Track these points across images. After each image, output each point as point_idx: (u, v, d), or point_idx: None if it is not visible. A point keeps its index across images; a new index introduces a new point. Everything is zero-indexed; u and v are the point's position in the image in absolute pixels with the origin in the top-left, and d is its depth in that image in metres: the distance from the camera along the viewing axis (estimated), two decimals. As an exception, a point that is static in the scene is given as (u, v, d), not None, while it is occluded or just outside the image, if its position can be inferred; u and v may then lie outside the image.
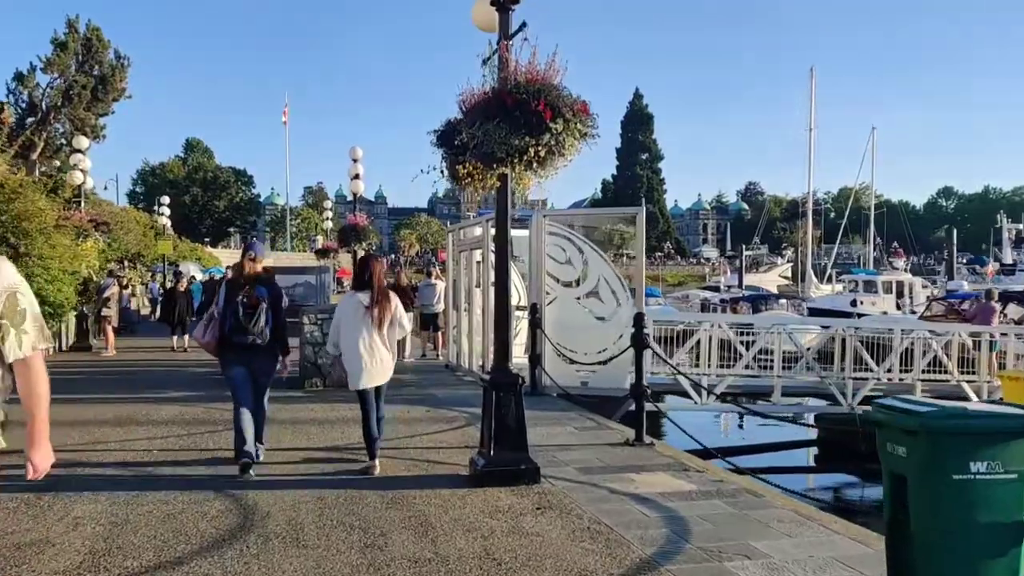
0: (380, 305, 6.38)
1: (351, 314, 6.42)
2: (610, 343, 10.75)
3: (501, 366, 6.36)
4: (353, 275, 6.83)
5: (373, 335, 6.36)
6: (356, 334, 6.36)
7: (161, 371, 13.83)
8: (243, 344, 6.33)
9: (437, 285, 15.89)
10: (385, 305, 6.42)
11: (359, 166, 18.42)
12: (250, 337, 6.30)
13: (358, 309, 6.37)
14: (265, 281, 6.64)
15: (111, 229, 17.30)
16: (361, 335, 6.34)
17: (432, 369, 14.18)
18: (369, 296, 6.38)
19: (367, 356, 6.36)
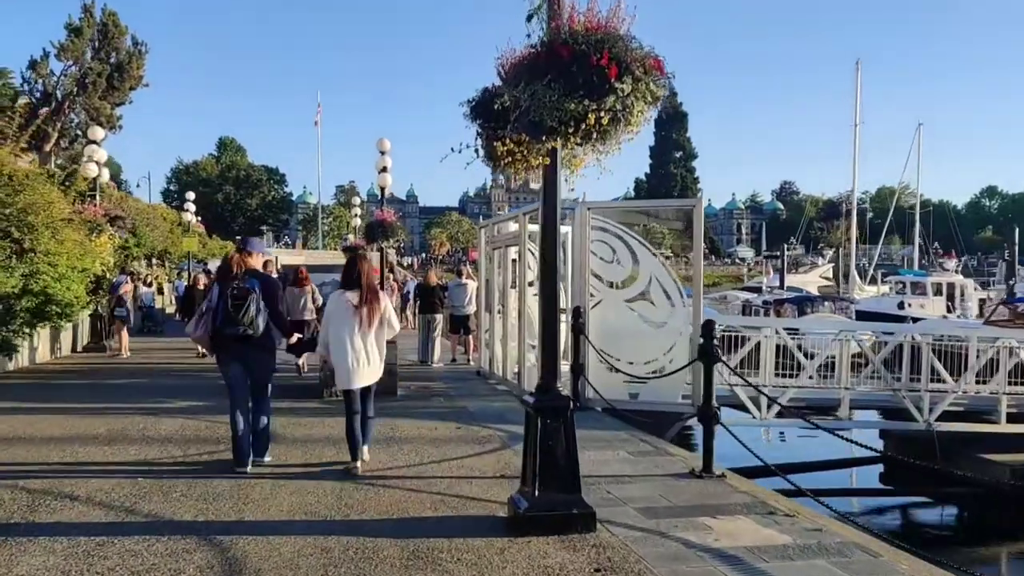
0: (369, 304, 6.31)
1: (340, 313, 6.33)
2: (662, 352, 9.57)
3: (548, 387, 5.22)
4: (342, 274, 6.70)
5: (362, 335, 6.29)
6: (345, 334, 6.27)
7: (174, 375, 12.90)
8: (234, 336, 6.27)
9: (468, 285, 14.79)
10: (374, 304, 6.35)
11: (387, 158, 17.34)
12: (240, 328, 6.22)
13: (347, 308, 6.30)
14: (258, 274, 6.58)
15: (128, 224, 16.51)
16: (350, 335, 6.26)
17: (462, 376, 13.08)
18: (358, 295, 6.30)
19: (356, 356, 6.28)
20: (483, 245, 13.49)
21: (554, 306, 5.15)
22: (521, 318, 10.65)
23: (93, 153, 15.79)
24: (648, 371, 9.61)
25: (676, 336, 9.48)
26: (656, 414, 9.44)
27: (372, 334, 6.36)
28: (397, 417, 9.00)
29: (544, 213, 5.16)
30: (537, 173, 5.38)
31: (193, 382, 12.08)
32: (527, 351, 10.59)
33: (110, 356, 15.63)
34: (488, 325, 12.79)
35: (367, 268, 6.50)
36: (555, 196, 5.13)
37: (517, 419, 9.17)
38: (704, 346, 6.43)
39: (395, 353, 10.59)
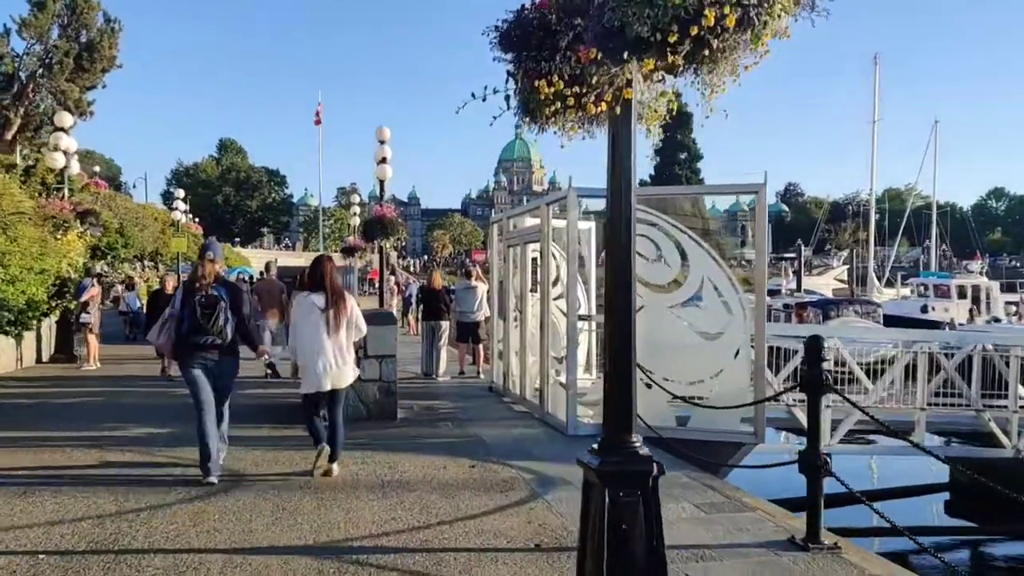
0: (336, 307, 6.26)
1: (306, 317, 6.26)
2: (716, 369, 7.92)
3: (620, 442, 3.53)
4: (306, 276, 6.65)
5: (330, 338, 6.24)
6: (312, 337, 6.22)
7: (140, 392, 11.23)
8: (202, 344, 6.20)
9: (478, 289, 13.12)
10: (341, 307, 6.30)
11: (387, 148, 15.66)
12: (209, 337, 6.18)
13: (312, 311, 6.24)
14: (223, 281, 6.54)
15: (102, 221, 14.93)
16: (318, 338, 6.21)
17: (472, 393, 11.40)
18: (323, 298, 6.25)
19: (324, 360, 6.23)
20: (495, 242, 11.83)
21: (627, 330, 3.46)
22: (543, 327, 8.99)
23: (59, 141, 14.13)
24: (700, 391, 7.96)
25: (734, 350, 7.82)
26: (710, 443, 7.79)
27: (340, 337, 6.28)
28: (397, 451, 7.34)
29: (612, 190, 3.47)
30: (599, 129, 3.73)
31: (159, 400, 10.42)
32: (550, 366, 8.93)
33: (76, 368, 13.98)
34: (502, 334, 11.11)
35: (331, 269, 6.40)
36: (629, 162, 3.46)
37: (544, 453, 7.54)
38: (812, 372, 4.74)
39: (393, 368, 8.96)
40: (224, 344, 6.26)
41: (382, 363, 8.92)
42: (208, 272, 6.33)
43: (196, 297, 6.21)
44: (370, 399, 8.89)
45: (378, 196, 16.02)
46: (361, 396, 8.86)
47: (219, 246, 7.15)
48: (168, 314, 6.32)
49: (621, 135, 3.45)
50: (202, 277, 6.31)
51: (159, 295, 12.31)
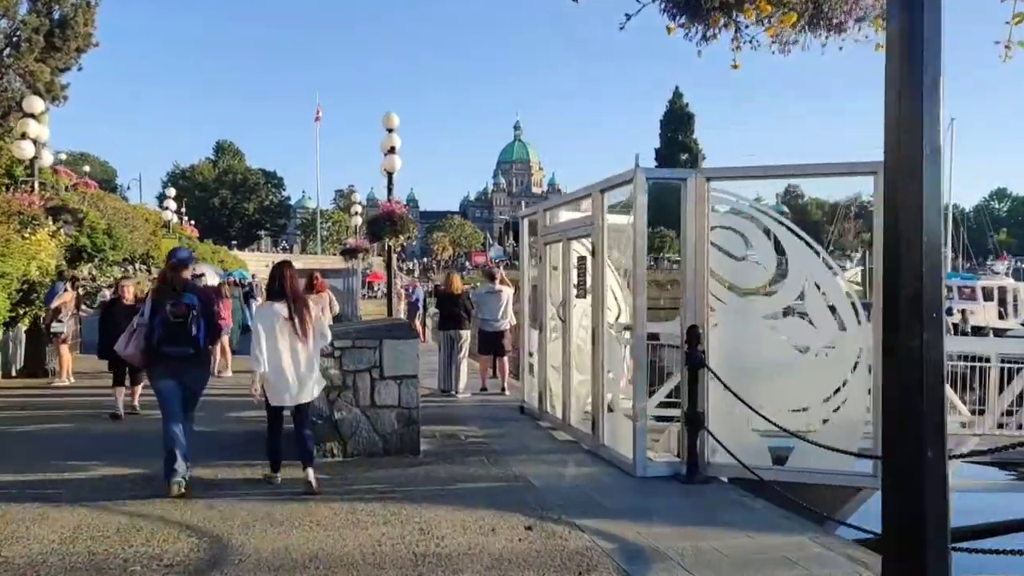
0: (300, 316, 6.05)
1: (270, 326, 6.02)
2: (826, 394, 6.33)
3: None
4: (267, 284, 6.50)
5: (295, 348, 6.03)
6: (277, 348, 5.99)
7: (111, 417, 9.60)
8: (173, 355, 6.04)
9: (502, 293, 11.51)
10: (305, 315, 6.10)
11: (395, 137, 14.12)
12: (180, 348, 6.02)
13: (276, 320, 6.02)
14: (194, 288, 6.35)
15: (77, 218, 13.34)
16: (282, 349, 6.00)
17: (501, 414, 9.79)
18: (286, 306, 6.06)
19: (290, 371, 6.02)
20: (526, 239, 10.22)
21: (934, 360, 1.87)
22: (596, 340, 7.39)
23: (27, 128, 12.54)
24: (802, 422, 6.37)
25: (848, 370, 6.24)
26: (813, 487, 6.21)
27: (308, 346, 6.10)
28: (427, 503, 5.73)
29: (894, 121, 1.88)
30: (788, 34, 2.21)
31: (131, 428, 8.80)
32: (605, 387, 7.33)
33: (46, 384, 12.35)
34: (536, 346, 9.51)
35: (290, 276, 6.20)
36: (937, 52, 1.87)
37: (615, 504, 5.61)
38: None
39: (415, 392, 7.37)
40: (195, 353, 6.10)
41: (401, 385, 7.32)
42: (175, 279, 6.16)
43: (166, 306, 6.01)
44: (387, 429, 7.29)
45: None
46: (376, 426, 7.27)
47: (188, 251, 6.96)
48: (137, 323, 6.17)
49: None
50: (174, 286, 6.13)
51: (115, 306, 9.69)
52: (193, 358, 6.11)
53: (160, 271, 6.86)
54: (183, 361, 6.07)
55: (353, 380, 7.24)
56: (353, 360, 7.23)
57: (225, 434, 8.32)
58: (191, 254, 7.00)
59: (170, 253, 6.49)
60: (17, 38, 13.65)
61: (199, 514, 5.45)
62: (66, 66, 14.85)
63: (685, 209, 6.59)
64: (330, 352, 7.18)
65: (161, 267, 24.53)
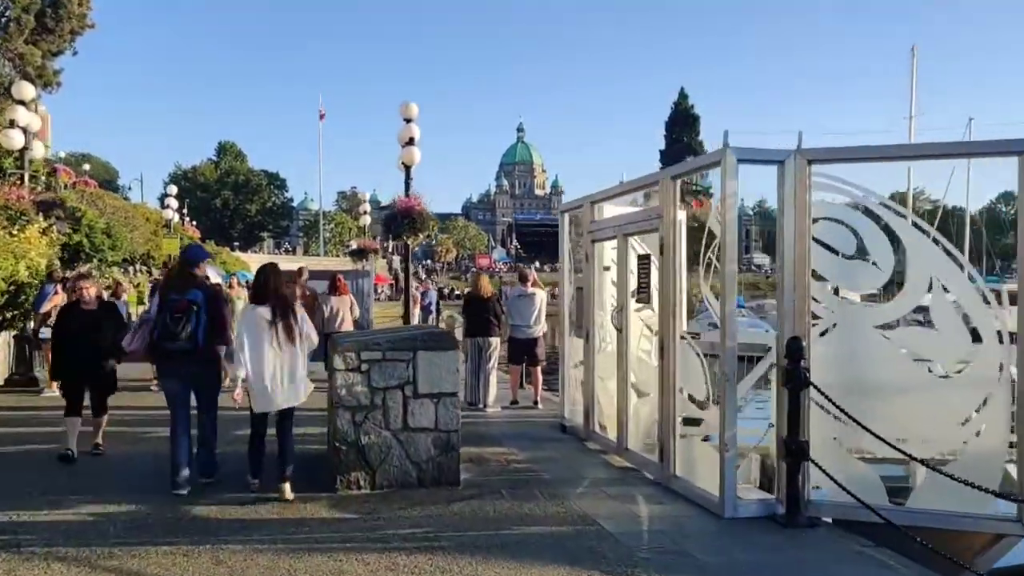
0: (284, 320, 5.82)
1: (254, 331, 5.78)
2: (960, 418, 5.27)
3: None
4: (251, 287, 6.27)
5: (280, 352, 5.79)
6: (261, 352, 5.75)
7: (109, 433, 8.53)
8: (173, 351, 6.03)
9: (535, 296, 10.46)
10: (289, 318, 5.85)
11: (414, 127, 13.10)
12: (178, 343, 5.99)
13: (260, 324, 5.79)
14: (203, 285, 6.31)
15: (68, 214, 12.30)
16: (267, 353, 5.75)
17: (541, 433, 8.72)
18: (270, 310, 5.81)
19: (274, 376, 5.77)
20: (566, 236, 9.16)
21: None
22: (666, 352, 6.32)
23: (16, 116, 11.51)
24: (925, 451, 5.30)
25: (986, 390, 5.17)
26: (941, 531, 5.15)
27: (293, 350, 5.84)
28: (479, 553, 4.68)
29: None
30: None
31: (125, 448, 7.72)
32: (678, 407, 6.27)
33: (35, 394, 11.29)
34: (578, 358, 8.45)
35: (277, 279, 6.00)
36: None
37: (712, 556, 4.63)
38: None
39: (455, 412, 6.32)
40: (196, 350, 6.03)
41: (439, 405, 6.26)
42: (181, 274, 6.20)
43: (170, 301, 6.05)
44: (422, 456, 6.23)
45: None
46: (410, 452, 6.20)
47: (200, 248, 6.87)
48: (144, 318, 6.36)
49: None
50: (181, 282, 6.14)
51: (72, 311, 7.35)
52: (192, 355, 6.03)
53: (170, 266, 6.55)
54: (183, 358, 6.03)
55: (383, 399, 6.18)
56: (383, 375, 6.18)
57: (231, 458, 7.25)
58: (201, 251, 6.82)
59: (183, 250, 6.66)
60: (5, 18, 12.63)
61: (204, 572, 4.39)
62: (59, 49, 13.80)
63: (781, 197, 5.54)
64: (357, 366, 6.14)
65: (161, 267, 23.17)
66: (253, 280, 6.28)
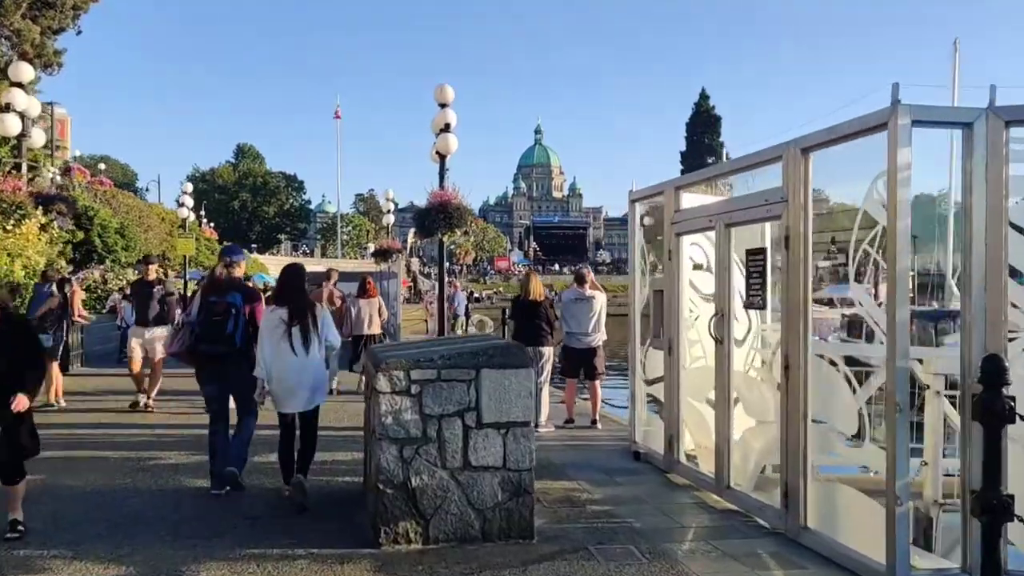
0: (302, 322, 5.71)
1: (272, 332, 5.73)
2: None
3: None
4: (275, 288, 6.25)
5: (298, 354, 5.68)
6: (279, 354, 5.68)
7: (102, 463, 7.29)
8: (212, 354, 6.02)
9: (594, 300, 9.15)
10: (307, 321, 5.73)
11: (449, 113, 11.84)
12: (217, 346, 5.99)
13: (279, 326, 5.70)
14: (239, 286, 6.30)
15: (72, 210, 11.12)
16: (285, 355, 5.67)
17: (611, 462, 7.40)
18: (288, 312, 5.71)
19: (291, 378, 5.69)
20: (637, 230, 7.84)
21: None
22: (794, 372, 4.99)
23: (13, 100, 10.36)
24: None
25: None
26: None
27: (308, 354, 5.71)
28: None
29: None
30: None
31: (123, 479, 6.47)
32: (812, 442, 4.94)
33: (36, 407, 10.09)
34: (663, 372, 7.11)
35: (297, 281, 5.92)
36: None
37: None
38: None
39: (528, 449, 5.03)
40: (234, 353, 6.01)
41: (508, 437, 4.97)
42: (222, 277, 6.18)
43: (208, 303, 6.06)
44: (487, 502, 4.94)
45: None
46: (471, 496, 4.92)
47: (239, 249, 6.87)
48: (183, 320, 6.28)
49: None
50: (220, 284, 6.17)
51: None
52: (229, 357, 5.99)
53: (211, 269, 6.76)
54: (220, 361, 6.00)
55: (438, 429, 4.90)
56: (438, 399, 4.90)
57: (256, 495, 6.03)
58: (237, 250, 6.74)
59: (222, 250, 6.51)
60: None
61: None
62: (61, 27, 12.67)
63: (968, 170, 4.20)
64: (405, 388, 4.86)
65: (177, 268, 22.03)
66: (277, 280, 6.11)
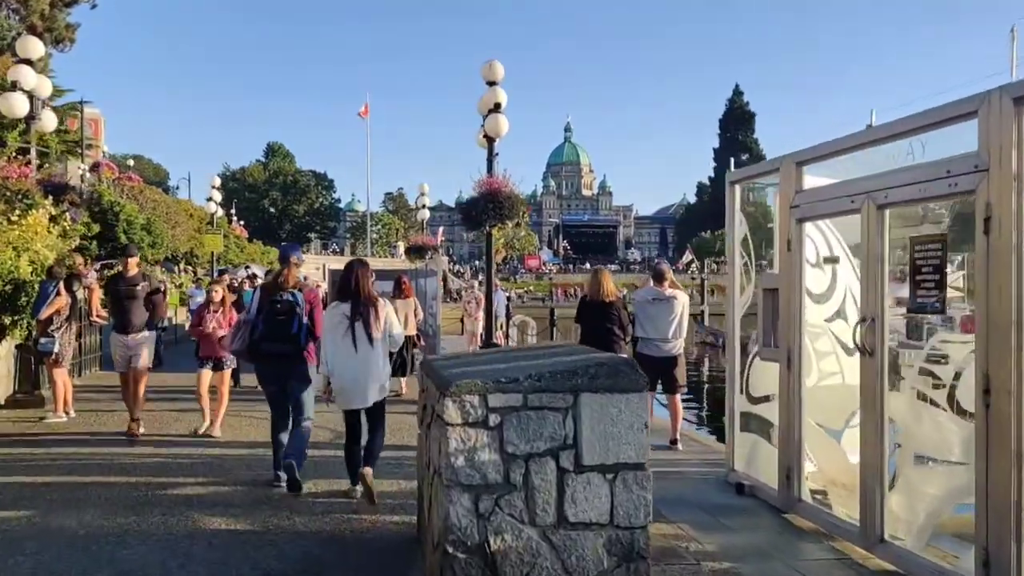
0: (364, 317, 5.69)
1: (335, 328, 5.72)
2: None
3: None
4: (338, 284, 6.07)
5: (360, 350, 5.66)
6: (342, 350, 5.67)
7: (104, 494, 6.17)
8: (273, 353, 6.04)
9: (675, 301, 7.87)
10: (372, 316, 5.71)
11: (499, 91, 10.62)
12: (282, 345, 6.02)
13: (342, 322, 5.69)
14: (298, 285, 6.30)
15: (85, 200, 10.10)
16: (347, 351, 5.66)
17: (710, 496, 6.12)
18: (351, 307, 5.71)
19: (353, 374, 5.67)
20: (736, 218, 6.55)
21: None
22: (997, 399, 3.70)
23: (19, 78, 9.34)
24: None
25: None
26: None
27: (372, 349, 5.68)
28: None
29: None
30: None
31: (133, 526, 5.30)
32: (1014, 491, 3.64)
33: (37, 420, 9.08)
34: (777, 389, 5.82)
35: (364, 275, 5.82)
36: None
37: None
38: None
39: (645, 500, 3.77)
40: (299, 351, 6.08)
41: (615, 484, 3.75)
42: (286, 276, 6.15)
43: (271, 302, 6.05)
44: (589, 571, 3.71)
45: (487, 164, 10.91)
46: (568, 564, 3.70)
47: (299, 248, 6.72)
48: (243, 319, 6.24)
49: None
50: (284, 283, 6.14)
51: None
52: (291, 357, 6.05)
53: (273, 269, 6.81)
54: (281, 360, 6.04)
55: (525, 474, 3.69)
56: (524, 434, 3.69)
57: (285, 539, 4.87)
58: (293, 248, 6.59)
59: (283, 248, 6.55)
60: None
61: None
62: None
63: None
64: (482, 418, 3.66)
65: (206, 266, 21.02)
66: (340, 276, 6.03)
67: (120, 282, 8.39)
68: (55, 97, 36.56)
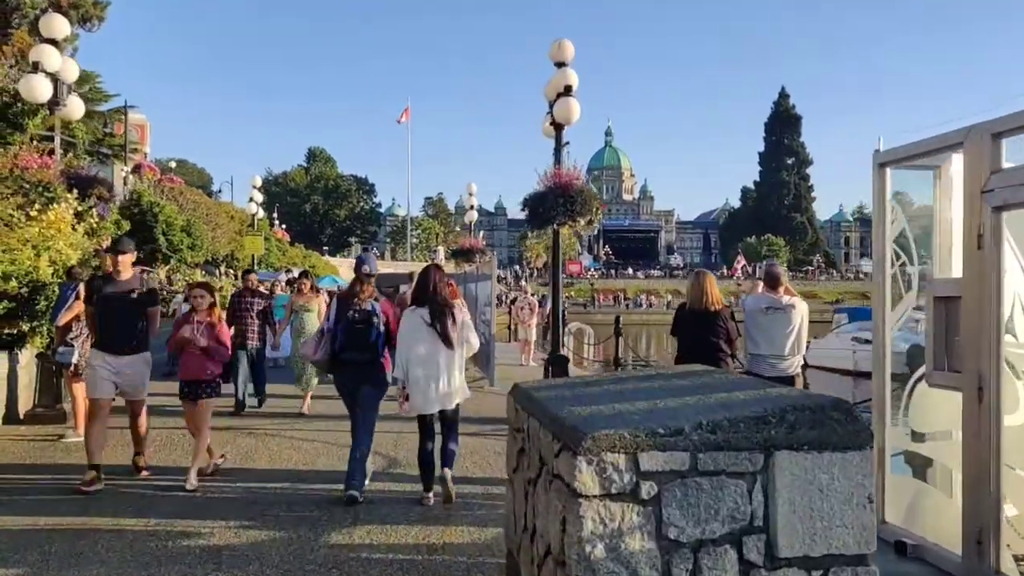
0: (442, 321, 5.65)
1: (413, 332, 5.69)
2: None
3: None
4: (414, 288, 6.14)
5: (437, 355, 5.65)
6: (418, 354, 5.65)
7: (135, 537, 5.11)
8: (352, 362, 6.05)
9: (792, 311, 6.57)
10: (449, 321, 5.67)
11: (570, 73, 9.44)
12: (361, 354, 6.01)
13: (420, 327, 5.66)
14: (377, 296, 6.28)
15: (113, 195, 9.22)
16: (423, 355, 5.65)
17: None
18: (429, 312, 5.67)
19: (429, 378, 5.65)
20: (887, 211, 5.24)
21: None
22: None
23: (43, 60, 8.45)
24: None
25: None
26: None
27: (451, 353, 5.69)
28: None
29: None
30: None
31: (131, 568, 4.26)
32: None
33: (56, 437, 8.11)
34: (957, 425, 4.52)
35: (441, 280, 5.81)
36: None
37: None
38: None
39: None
40: (377, 360, 6.08)
41: (830, 587, 2.51)
42: (366, 288, 6.12)
43: (349, 313, 6.03)
44: None
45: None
46: None
47: (374, 258, 6.76)
48: (324, 328, 6.16)
49: None
50: (360, 292, 6.11)
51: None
52: (369, 366, 6.04)
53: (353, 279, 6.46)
54: (360, 369, 6.01)
55: (692, 570, 2.49)
56: (692, 512, 2.49)
57: None
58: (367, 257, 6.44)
59: (359, 260, 6.34)
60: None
61: None
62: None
63: None
64: (631, 487, 2.46)
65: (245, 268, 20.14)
66: (416, 281, 6.05)
67: (108, 286, 6.45)
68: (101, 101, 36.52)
